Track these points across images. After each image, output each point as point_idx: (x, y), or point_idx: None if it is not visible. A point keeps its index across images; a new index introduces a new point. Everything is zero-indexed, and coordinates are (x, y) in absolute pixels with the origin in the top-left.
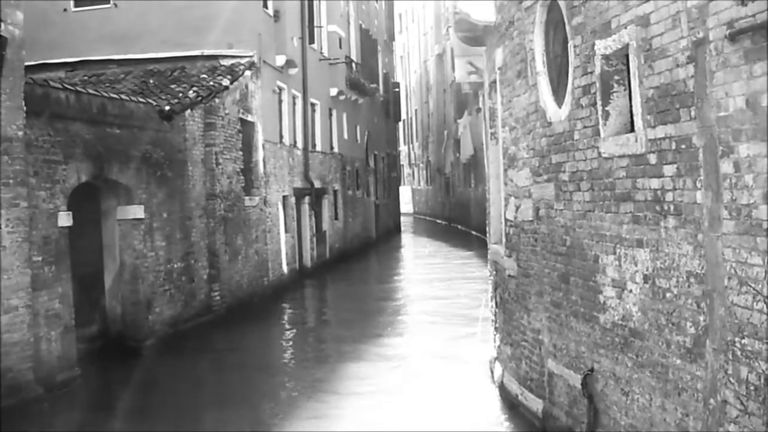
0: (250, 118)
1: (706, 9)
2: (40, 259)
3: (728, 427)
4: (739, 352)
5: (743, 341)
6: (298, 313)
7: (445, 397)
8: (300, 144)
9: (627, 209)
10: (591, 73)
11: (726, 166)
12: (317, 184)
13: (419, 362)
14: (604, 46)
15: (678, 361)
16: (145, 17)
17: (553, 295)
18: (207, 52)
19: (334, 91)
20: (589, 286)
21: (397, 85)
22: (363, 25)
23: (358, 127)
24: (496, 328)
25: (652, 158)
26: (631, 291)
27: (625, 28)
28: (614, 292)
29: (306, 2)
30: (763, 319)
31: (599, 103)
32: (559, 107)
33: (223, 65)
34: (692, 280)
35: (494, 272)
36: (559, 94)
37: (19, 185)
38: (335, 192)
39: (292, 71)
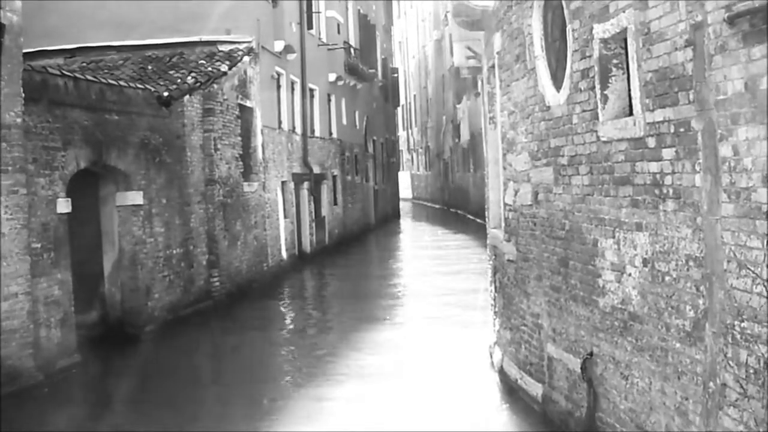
0: (248, 103)
1: None
2: (39, 245)
3: (728, 411)
4: (738, 336)
5: (743, 324)
6: (297, 299)
7: (444, 382)
8: (299, 129)
9: (626, 193)
10: (589, 57)
11: (725, 150)
12: (316, 170)
13: (418, 348)
14: (602, 30)
15: (677, 345)
16: (144, 3)
17: (552, 279)
18: (205, 38)
19: (332, 77)
20: (588, 270)
21: (396, 70)
22: (361, 11)
23: (356, 113)
24: (495, 313)
25: (651, 142)
26: (630, 274)
27: (623, 11)
28: (613, 276)
29: None
30: (763, 303)
31: (598, 86)
32: (558, 91)
33: (222, 51)
34: (691, 263)
35: (493, 257)
36: (557, 78)
37: (17, 172)
38: (334, 177)
39: (291, 57)
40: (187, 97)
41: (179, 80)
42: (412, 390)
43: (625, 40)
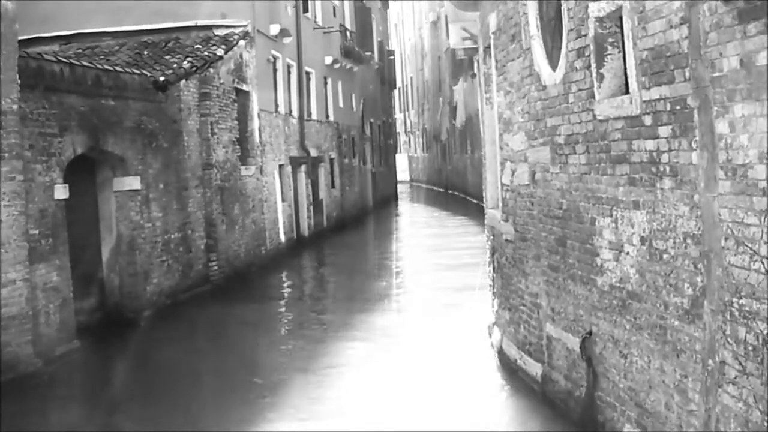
0: (245, 87)
1: None
2: (37, 232)
3: (727, 388)
4: (736, 313)
5: (741, 301)
6: (296, 283)
7: (443, 363)
8: (295, 113)
9: (623, 171)
10: (585, 35)
11: (721, 127)
12: (313, 153)
13: (417, 330)
14: (597, 8)
15: (676, 323)
16: None
17: (550, 258)
18: (201, 22)
19: (328, 60)
20: (586, 249)
21: (392, 52)
22: None
23: (353, 95)
24: (493, 293)
25: (647, 120)
26: (628, 253)
27: None
28: (611, 255)
29: None
30: (761, 279)
31: (593, 65)
32: (554, 70)
33: (218, 35)
34: (689, 241)
35: (491, 237)
36: (553, 57)
37: (14, 159)
38: (331, 160)
39: (287, 40)
40: (184, 81)
41: (175, 65)
42: (412, 373)
43: (621, 18)
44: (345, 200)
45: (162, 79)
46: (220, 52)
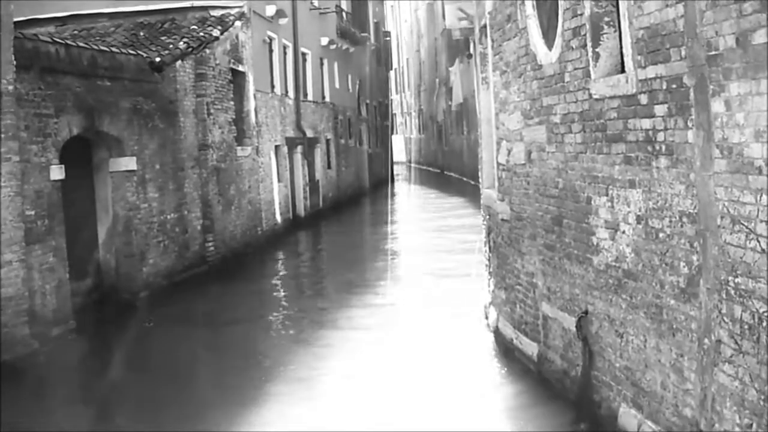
0: (241, 68)
1: None
2: (33, 213)
3: (723, 367)
4: (732, 291)
5: (737, 280)
6: (292, 263)
7: (439, 344)
8: (291, 93)
9: (619, 150)
10: (581, 15)
11: (717, 105)
12: (309, 134)
13: (413, 312)
14: None
15: (672, 302)
16: None
17: (546, 238)
18: (197, 3)
19: (324, 41)
20: (582, 228)
21: (388, 33)
22: None
23: (349, 76)
24: (489, 273)
25: (643, 98)
26: (624, 232)
27: None
28: (607, 234)
29: None
30: (757, 258)
31: (589, 44)
32: (550, 50)
33: (213, 16)
34: (685, 219)
35: (487, 217)
36: (549, 36)
37: (10, 139)
38: (327, 141)
39: (283, 21)
40: (180, 62)
41: (171, 46)
42: (408, 353)
43: None
44: (341, 181)
45: (158, 59)
46: (216, 32)
